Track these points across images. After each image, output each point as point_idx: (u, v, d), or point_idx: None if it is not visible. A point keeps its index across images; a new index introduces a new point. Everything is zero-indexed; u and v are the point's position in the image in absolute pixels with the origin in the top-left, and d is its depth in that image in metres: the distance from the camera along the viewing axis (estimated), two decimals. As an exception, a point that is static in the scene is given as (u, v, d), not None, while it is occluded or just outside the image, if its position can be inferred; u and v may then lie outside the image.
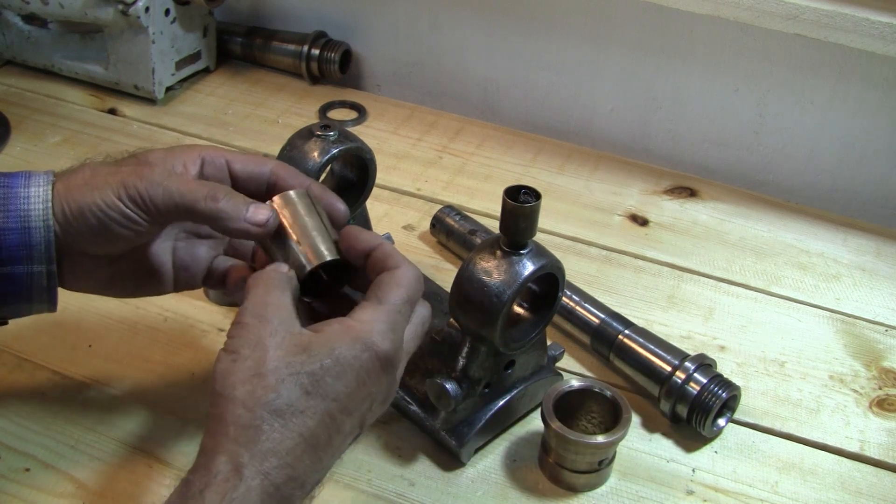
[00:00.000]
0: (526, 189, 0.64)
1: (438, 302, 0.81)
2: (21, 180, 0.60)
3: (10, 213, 0.59)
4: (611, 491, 0.71)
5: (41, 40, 1.21)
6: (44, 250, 0.60)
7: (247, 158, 0.65)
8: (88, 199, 0.59)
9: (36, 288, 0.61)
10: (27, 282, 0.61)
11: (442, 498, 0.69)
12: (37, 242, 0.59)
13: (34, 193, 0.60)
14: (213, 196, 0.59)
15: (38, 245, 0.60)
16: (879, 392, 0.81)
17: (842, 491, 0.72)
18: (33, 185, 0.60)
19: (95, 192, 0.59)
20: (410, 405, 0.73)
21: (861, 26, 0.94)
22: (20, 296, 0.62)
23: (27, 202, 0.59)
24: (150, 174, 0.60)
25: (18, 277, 0.60)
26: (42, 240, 0.59)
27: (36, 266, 0.60)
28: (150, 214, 0.60)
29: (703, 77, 1.09)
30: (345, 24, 1.26)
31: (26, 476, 0.68)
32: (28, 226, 0.59)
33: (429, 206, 1.01)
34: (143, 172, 0.60)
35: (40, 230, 0.59)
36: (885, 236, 1.02)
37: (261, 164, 0.65)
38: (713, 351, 0.84)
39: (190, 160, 0.63)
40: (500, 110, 1.23)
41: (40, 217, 0.59)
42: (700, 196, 1.07)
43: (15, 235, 0.59)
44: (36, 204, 0.59)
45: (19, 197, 0.59)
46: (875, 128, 1.04)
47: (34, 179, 0.60)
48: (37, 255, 0.60)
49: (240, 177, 0.64)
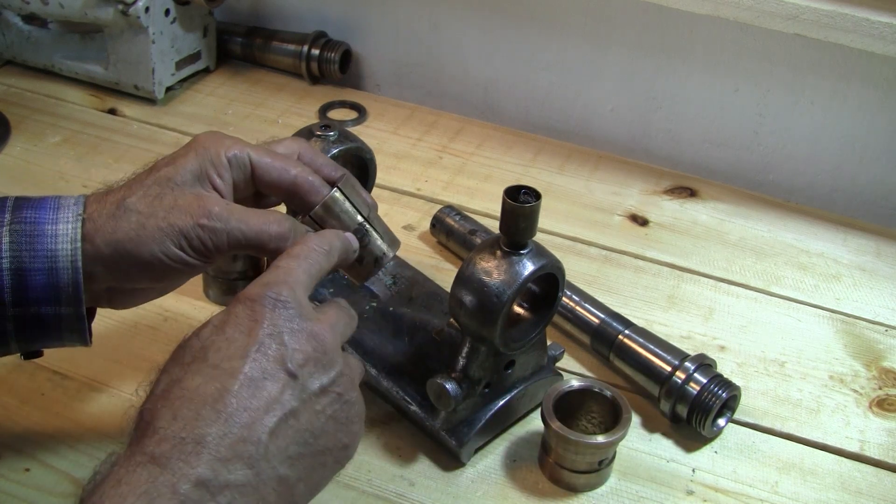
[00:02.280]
0: (526, 189, 0.64)
1: (438, 302, 0.81)
2: (49, 213, 0.58)
3: (36, 253, 0.57)
4: (611, 491, 0.71)
5: (41, 40, 1.21)
6: (72, 293, 0.58)
7: (270, 162, 0.63)
8: (147, 254, 0.58)
9: (66, 329, 0.59)
10: (55, 322, 0.59)
11: (442, 498, 0.69)
12: (64, 284, 0.57)
13: (62, 231, 0.57)
14: (283, 236, 0.59)
15: (66, 287, 0.57)
16: (879, 392, 0.81)
17: (842, 491, 0.72)
18: (61, 222, 0.57)
19: (154, 245, 0.58)
20: (410, 405, 0.73)
21: (861, 26, 0.94)
22: (50, 335, 0.60)
23: (54, 241, 0.57)
24: (209, 221, 0.58)
25: (47, 318, 0.58)
26: (70, 282, 0.57)
27: (64, 308, 0.58)
28: (214, 259, 0.60)
29: (703, 77, 1.09)
30: (345, 24, 1.26)
31: (26, 476, 0.68)
32: (55, 266, 0.57)
33: (429, 206, 1.01)
34: (200, 218, 0.58)
35: (68, 271, 0.57)
36: (885, 236, 1.02)
37: (284, 172, 0.63)
38: (713, 351, 0.84)
39: (221, 167, 0.61)
40: (500, 110, 1.23)
41: (68, 258, 0.57)
42: (700, 196, 1.07)
43: (42, 277, 0.57)
44: (64, 244, 0.57)
45: (46, 235, 0.57)
46: (875, 128, 1.04)
47: (63, 214, 0.58)
48: (64, 298, 0.58)
49: (262, 181, 0.63)
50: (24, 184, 1.01)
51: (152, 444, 0.48)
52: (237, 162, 0.61)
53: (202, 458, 0.47)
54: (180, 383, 0.50)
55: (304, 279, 0.56)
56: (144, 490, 0.46)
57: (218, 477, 0.47)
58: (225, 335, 0.52)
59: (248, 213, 0.60)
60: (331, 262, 0.59)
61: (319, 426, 0.52)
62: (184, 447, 0.48)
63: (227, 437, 0.48)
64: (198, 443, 0.48)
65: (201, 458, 0.47)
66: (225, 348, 0.51)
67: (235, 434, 0.49)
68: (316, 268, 0.57)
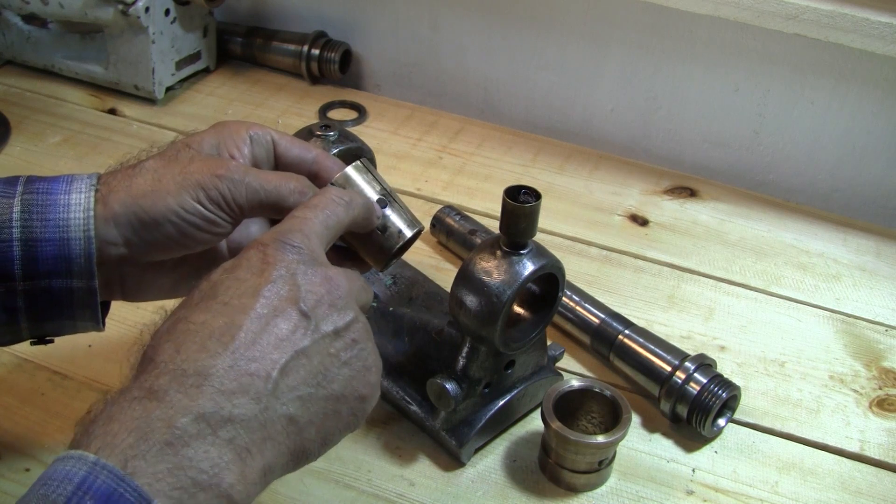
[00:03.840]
0: (526, 189, 0.64)
1: (438, 302, 0.81)
2: (62, 185, 0.56)
3: (48, 223, 0.55)
4: (611, 491, 0.71)
5: (41, 40, 1.21)
6: (84, 263, 0.56)
7: (291, 141, 0.63)
8: (163, 207, 0.56)
9: (78, 305, 0.57)
10: (67, 298, 0.57)
11: (442, 498, 0.69)
12: (76, 255, 0.55)
13: (74, 201, 0.55)
14: (302, 191, 0.58)
15: (78, 258, 0.55)
16: (879, 392, 0.81)
17: (842, 491, 0.72)
18: (74, 192, 0.56)
19: (170, 197, 0.56)
20: (410, 405, 0.73)
21: (861, 26, 0.94)
22: (62, 312, 0.58)
23: (66, 210, 0.55)
24: (226, 172, 0.57)
25: (57, 292, 0.56)
26: (82, 252, 0.55)
27: (76, 281, 0.56)
28: (234, 215, 0.58)
29: (703, 77, 1.09)
30: (345, 24, 1.26)
31: (26, 476, 0.68)
32: (67, 236, 0.55)
33: (429, 206, 1.01)
34: (217, 170, 0.57)
35: (80, 241, 0.55)
36: (885, 236, 1.02)
37: (305, 150, 0.63)
38: (713, 351, 0.84)
39: (241, 140, 0.60)
40: (500, 110, 1.23)
41: (80, 227, 0.55)
42: (700, 196, 1.07)
43: (52, 247, 0.55)
44: (76, 213, 0.55)
45: (59, 205, 0.55)
46: (875, 128, 1.04)
47: (76, 185, 0.56)
48: (76, 269, 0.56)
49: (283, 160, 0.62)
50: (24, 184, 1.01)
51: (151, 379, 0.45)
52: (259, 139, 0.61)
53: (204, 390, 0.45)
54: (187, 319, 0.48)
55: (320, 229, 0.54)
56: (136, 426, 0.43)
57: (220, 410, 0.44)
58: (235, 275, 0.50)
59: (266, 172, 0.59)
60: (350, 216, 0.57)
61: (334, 370, 0.50)
62: (185, 380, 0.45)
63: (234, 369, 0.46)
64: (200, 374, 0.45)
65: (203, 391, 0.44)
66: (235, 287, 0.49)
67: (242, 368, 0.46)
68: (334, 219, 0.56)
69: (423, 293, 0.83)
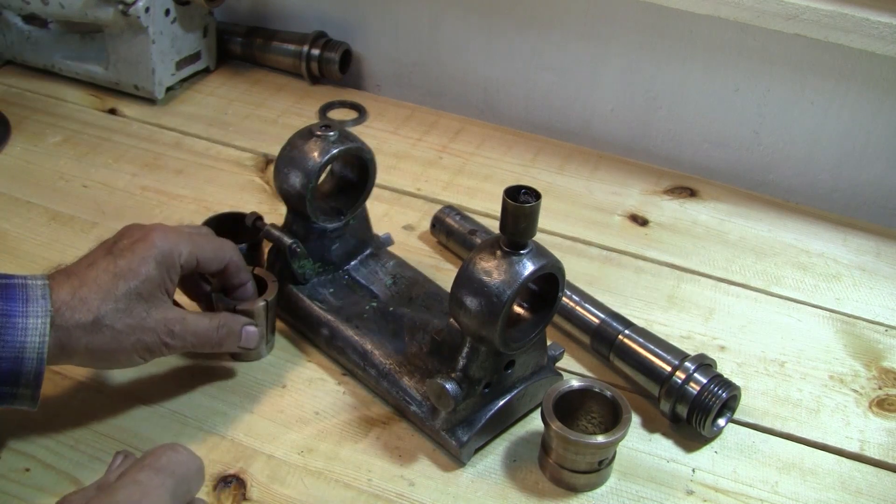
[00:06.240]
0: (526, 189, 0.64)
1: (438, 302, 0.81)
2: (19, 305, 0.62)
3: (6, 344, 0.61)
4: (611, 491, 0.71)
5: (41, 40, 1.21)
6: (32, 379, 0.63)
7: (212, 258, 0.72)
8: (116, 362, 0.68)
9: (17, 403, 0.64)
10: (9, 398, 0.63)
11: (442, 498, 0.69)
12: (27, 371, 0.62)
13: (31, 325, 0.62)
14: (220, 342, 0.73)
15: (29, 373, 0.62)
16: (879, 392, 0.81)
17: (842, 491, 0.72)
18: (31, 316, 0.62)
19: (123, 357, 0.67)
20: (410, 405, 0.73)
21: (861, 26, 0.94)
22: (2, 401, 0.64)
23: (24, 334, 0.62)
24: (171, 337, 0.68)
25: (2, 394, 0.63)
26: (33, 370, 0.62)
27: (21, 390, 0.63)
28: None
29: (703, 77, 1.09)
30: (345, 24, 1.26)
31: (26, 476, 0.68)
32: (22, 356, 0.62)
33: (429, 206, 1.01)
34: (164, 335, 0.68)
35: (33, 361, 0.62)
36: (885, 236, 1.02)
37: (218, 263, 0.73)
38: (713, 351, 0.84)
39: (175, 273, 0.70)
40: (500, 110, 1.23)
41: (35, 349, 0.62)
42: (700, 196, 1.07)
43: (7, 364, 0.61)
44: (33, 338, 0.62)
45: (17, 328, 0.62)
46: (875, 128, 1.04)
47: (32, 307, 0.63)
48: (23, 382, 0.63)
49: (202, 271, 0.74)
50: (24, 184, 1.01)
51: None
52: (187, 265, 0.71)
53: None
54: None
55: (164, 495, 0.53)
56: None
57: None
58: None
59: (198, 321, 0.71)
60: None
61: None
62: None
63: None
64: None
65: None
66: None
67: None
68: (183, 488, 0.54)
69: (423, 293, 0.83)
